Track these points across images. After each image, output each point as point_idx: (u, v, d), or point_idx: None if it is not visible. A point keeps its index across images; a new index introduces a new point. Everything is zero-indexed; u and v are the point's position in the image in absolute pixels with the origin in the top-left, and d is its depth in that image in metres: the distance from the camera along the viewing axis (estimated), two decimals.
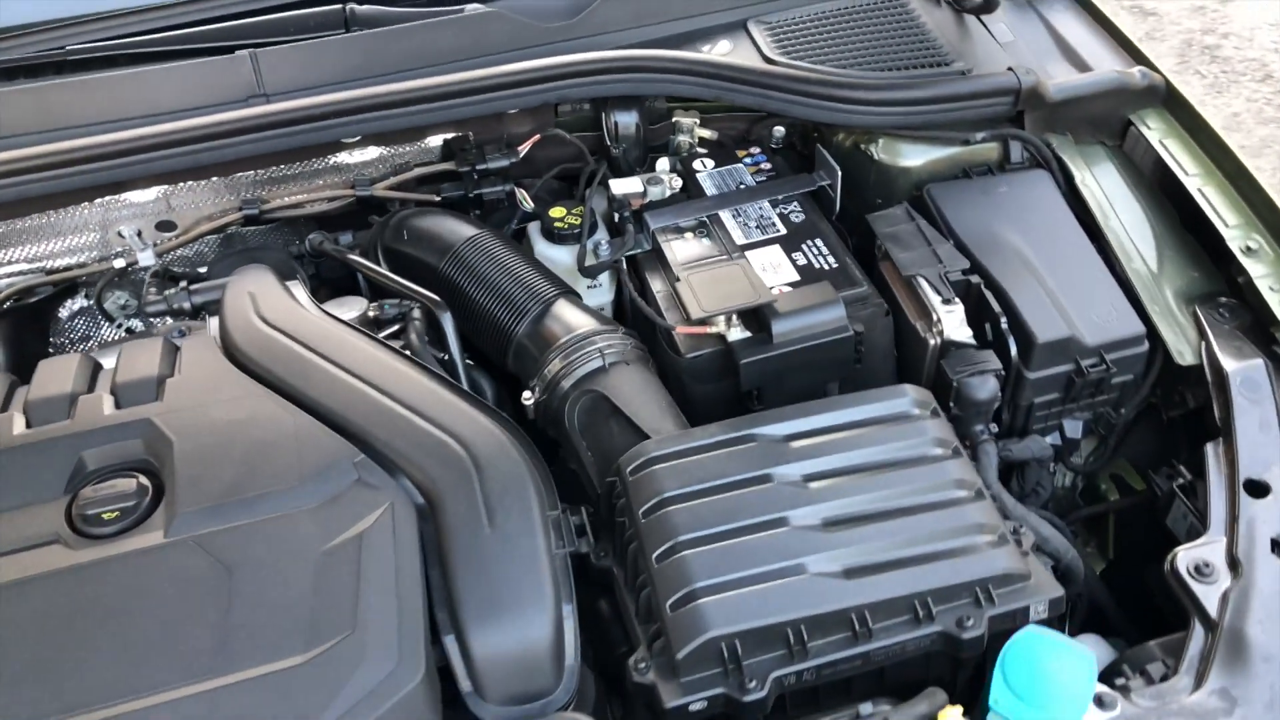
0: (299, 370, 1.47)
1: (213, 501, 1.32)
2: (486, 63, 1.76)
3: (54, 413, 1.44)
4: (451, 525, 1.32)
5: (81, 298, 1.94)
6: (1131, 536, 1.68)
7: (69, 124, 1.70)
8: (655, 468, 1.37)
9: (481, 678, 1.24)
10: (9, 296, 1.84)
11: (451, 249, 1.73)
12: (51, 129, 1.70)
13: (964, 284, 1.59)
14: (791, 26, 1.86)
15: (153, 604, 1.24)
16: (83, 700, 1.16)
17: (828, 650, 1.25)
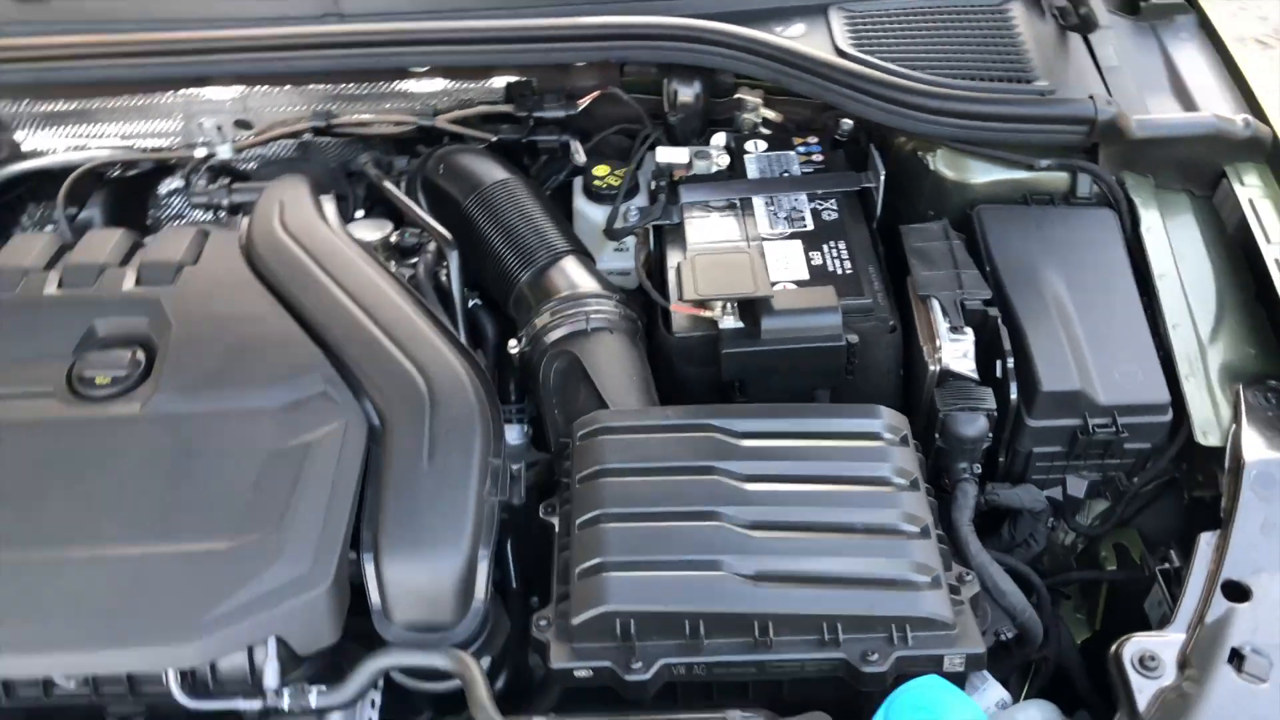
0: (300, 281, 1.53)
1: (191, 386, 1.40)
2: (559, 12, 1.77)
3: (83, 279, 1.55)
4: (394, 452, 1.35)
5: (178, 178, 2.06)
6: (1121, 611, 1.57)
7: (160, 18, 1.80)
8: (602, 437, 1.37)
9: (389, 600, 1.28)
10: (108, 164, 1.99)
11: (478, 188, 1.76)
12: (144, 20, 1.80)
13: (980, 314, 1.50)
14: (874, 18, 1.79)
15: (114, 468, 1.33)
16: (29, 538, 1.26)
17: (723, 651, 1.22)
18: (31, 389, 1.41)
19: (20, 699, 1.25)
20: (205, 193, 1.79)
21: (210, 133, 1.95)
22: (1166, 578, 1.36)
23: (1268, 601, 1.23)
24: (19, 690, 1.25)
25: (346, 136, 1.94)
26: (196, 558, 1.25)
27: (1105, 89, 1.70)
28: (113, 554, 1.24)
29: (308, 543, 1.25)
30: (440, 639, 1.28)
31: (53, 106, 1.93)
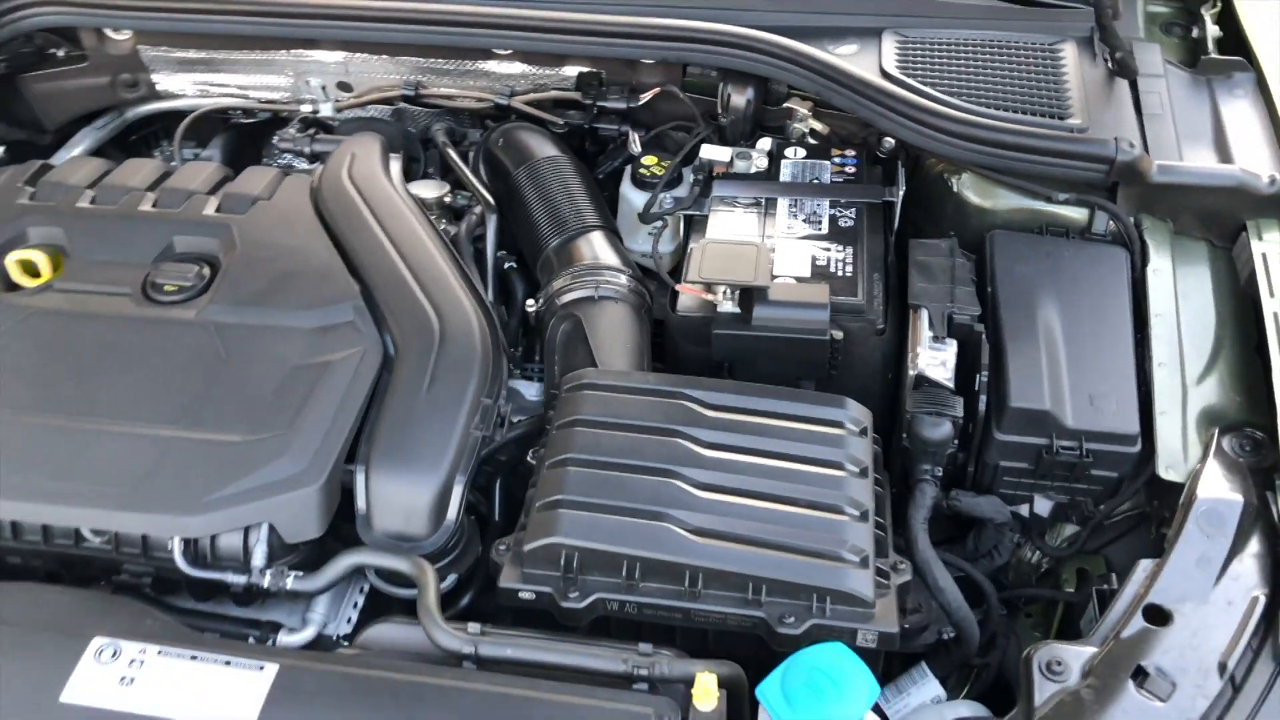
0: (353, 224, 1.71)
1: (240, 301, 1.59)
2: (631, 11, 1.91)
3: (173, 201, 1.76)
4: (399, 380, 1.51)
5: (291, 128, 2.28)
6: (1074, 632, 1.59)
7: None
8: (585, 392, 1.49)
9: (372, 508, 1.43)
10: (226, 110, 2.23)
11: (529, 161, 1.91)
12: None
13: (967, 329, 1.57)
14: (925, 45, 1.87)
15: (162, 360, 1.53)
16: (80, 410, 1.47)
17: (655, 594, 1.33)
18: (112, 288, 1.63)
19: (56, 545, 1.46)
20: (292, 139, 2.01)
21: (316, 91, 2.17)
22: (1102, 597, 1.39)
23: (1186, 630, 1.26)
24: (55, 538, 1.45)
25: (432, 107, 2.13)
26: (214, 446, 1.43)
27: (1141, 134, 1.73)
28: (146, 433, 1.44)
29: (309, 446, 1.42)
30: (411, 549, 1.42)
31: (185, 54, 2.17)
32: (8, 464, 1.43)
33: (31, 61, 2.19)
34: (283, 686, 1.23)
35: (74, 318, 1.59)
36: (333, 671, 1.27)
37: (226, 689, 1.22)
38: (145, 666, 1.25)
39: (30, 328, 1.58)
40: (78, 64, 2.19)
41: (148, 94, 2.26)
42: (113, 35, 2.15)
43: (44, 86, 2.22)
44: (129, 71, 2.20)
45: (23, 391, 1.50)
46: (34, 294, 1.64)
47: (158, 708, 1.20)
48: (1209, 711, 1.19)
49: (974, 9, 1.93)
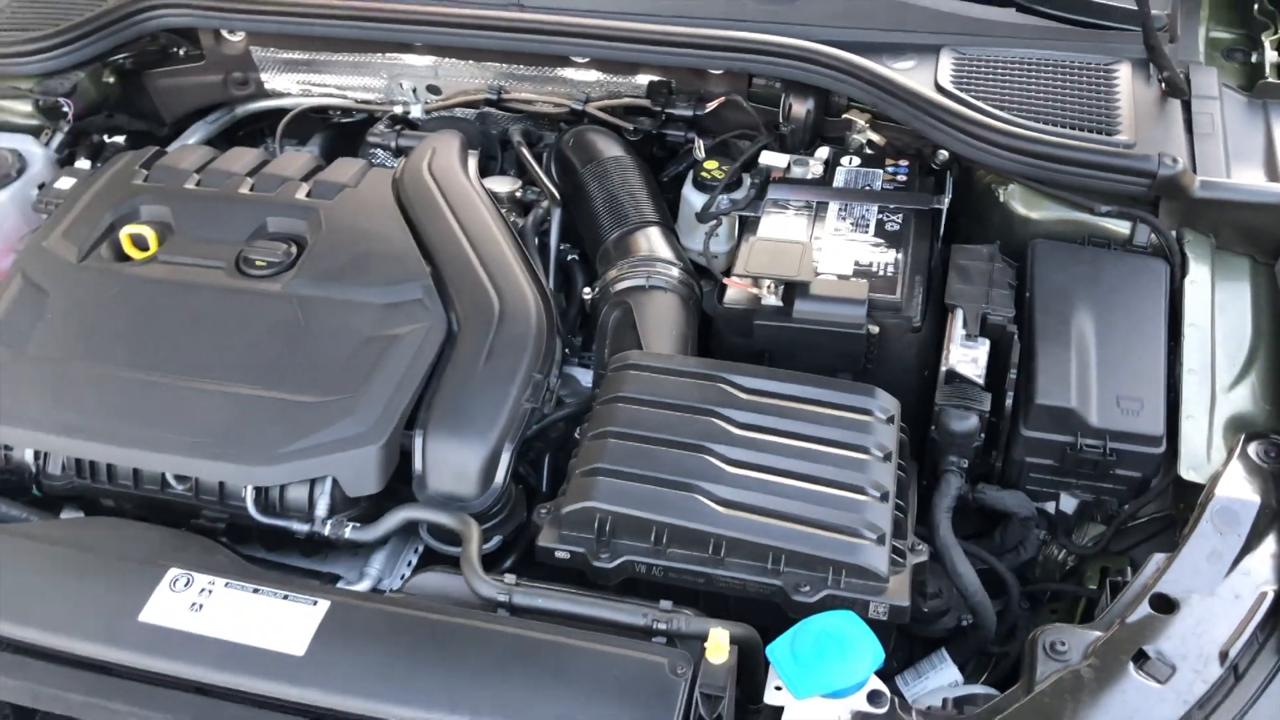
0: (429, 212, 1.85)
1: (321, 276, 1.74)
2: (700, 24, 2.01)
3: (269, 186, 1.92)
4: (459, 354, 1.63)
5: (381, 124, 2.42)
6: None
7: None
8: (629, 372, 1.59)
9: (428, 469, 1.55)
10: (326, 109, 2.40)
11: (596, 159, 2.03)
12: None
13: (1000, 329, 1.62)
14: (982, 62, 1.93)
15: (249, 327, 1.68)
16: (172, 368, 1.62)
17: (680, 560, 1.42)
18: (209, 262, 1.79)
19: (144, 489, 1.61)
20: (380, 135, 2.17)
21: (407, 93, 2.32)
22: (1115, 589, 1.43)
23: (1190, 618, 1.30)
24: (144, 482, 1.61)
25: (513, 111, 2.26)
26: (289, 405, 1.57)
27: (1190, 152, 1.77)
28: (229, 390, 1.59)
29: (374, 409, 1.55)
30: (461, 508, 1.53)
31: (291, 55, 2.35)
32: (106, 413, 1.59)
33: (155, 59, 2.39)
34: (333, 619, 1.35)
35: (173, 286, 1.75)
36: (378, 610, 1.39)
37: (283, 619, 1.35)
38: (213, 596, 1.38)
39: (134, 294, 1.74)
40: (195, 62, 2.39)
41: (256, 92, 2.44)
42: (228, 36, 2.33)
43: (165, 82, 2.41)
44: (240, 70, 2.39)
45: (123, 350, 1.66)
46: (140, 265, 1.80)
47: (222, 631, 1.34)
48: (1207, 696, 1.23)
49: (1032, 29, 1.98)
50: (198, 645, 1.33)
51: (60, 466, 1.63)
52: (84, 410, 1.59)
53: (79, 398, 1.61)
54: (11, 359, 1.66)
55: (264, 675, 1.29)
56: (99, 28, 2.21)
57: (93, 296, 1.74)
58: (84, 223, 1.86)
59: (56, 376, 1.63)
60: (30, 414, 1.60)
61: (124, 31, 2.22)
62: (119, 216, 1.86)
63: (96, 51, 2.22)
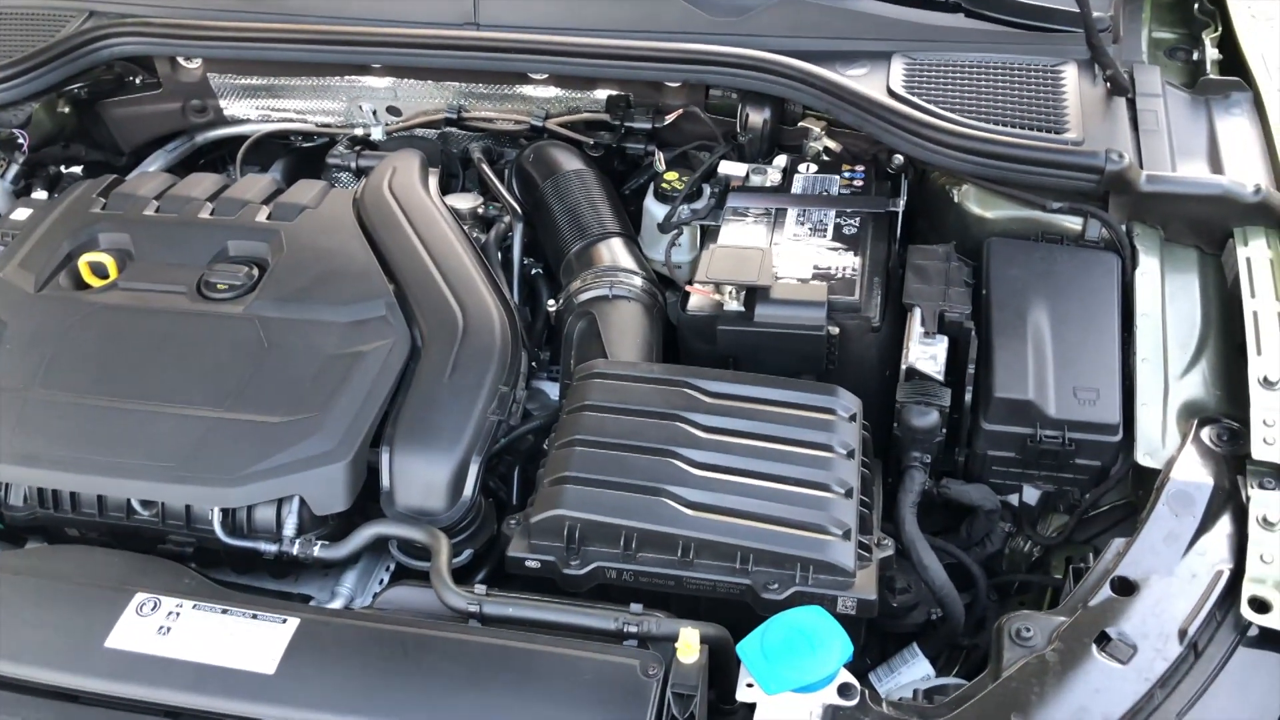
0: (390, 230, 1.86)
1: (283, 297, 1.74)
2: (655, 37, 2.04)
3: (229, 209, 1.92)
4: (424, 368, 1.64)
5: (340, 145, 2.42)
6: None
7: (332, 14, 2.19)
8: (595, 380, 1.60)
9: (395, 485, 1.55)
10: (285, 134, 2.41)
11: (557, 173, 2.05)
12: (321, 14, 2.20)
13: (957, 325, 1.65)
14: (932, 67, 1.96)
15: (211, 350, 1.68)
16: (136, 393, 1.61)
17: (650, 563, 1.43)
18: (169, 286, 1.79)
19: (110, 516, 1.60)
20: (340, 155, 2.17)
21: (367, 115, 2.33)
22: (1079, 576, 1.45)
23: (1150, 599, 1.32)
24: (109, 510, 1.59)
25: (473, 129, 2.28)
26: (254, 426, 1.57)
27: (1136, 148, 1.81)
28: (193, 414, 1.58)
29: (339, 427, 1.55)
30: (430, 523, 1.53)
31: (249, 80, 2.35)
32: (69, 441, 1.58)
33: (111, 88, 2.39)
34: (303, 636, 1.35)
35: (134, 312, 1.75)
36: (348, 625, 1.38)
37: (253, 638, 1.34)
38: (181, 619, 1.37)
39: (94, 321, 1.73)
40: (152, 90, 2.38)
41: (215, 119, 2.44)
42: (184, 64, 2.33)
43: (121, 111, 2.41)
44: (198, 98, 2.39)
45: (85, 377, 1.65)
46: (100, 292, 1.80)
47: (191, 653, 1.33)
48: (1168, 674, 1.25)
49: (979, 33, 2.03)
50: (167, 668, 1.31)
51: (22, 497, 1.61)
52: (45, 439, 1.58)
53: (39, 427, 1.59)
54: None
55: (235, 695, 1.28)
56: (52, 58, 2.20)
57: (51, 325, 1.73)
58: (41, 252, 1.85)
59: (16, 406, 1.62)
60: None
61: (78, 61, 2.21)
62: (77, 245, 1.86)
63: (50, 82, 2.22)
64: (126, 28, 2.21)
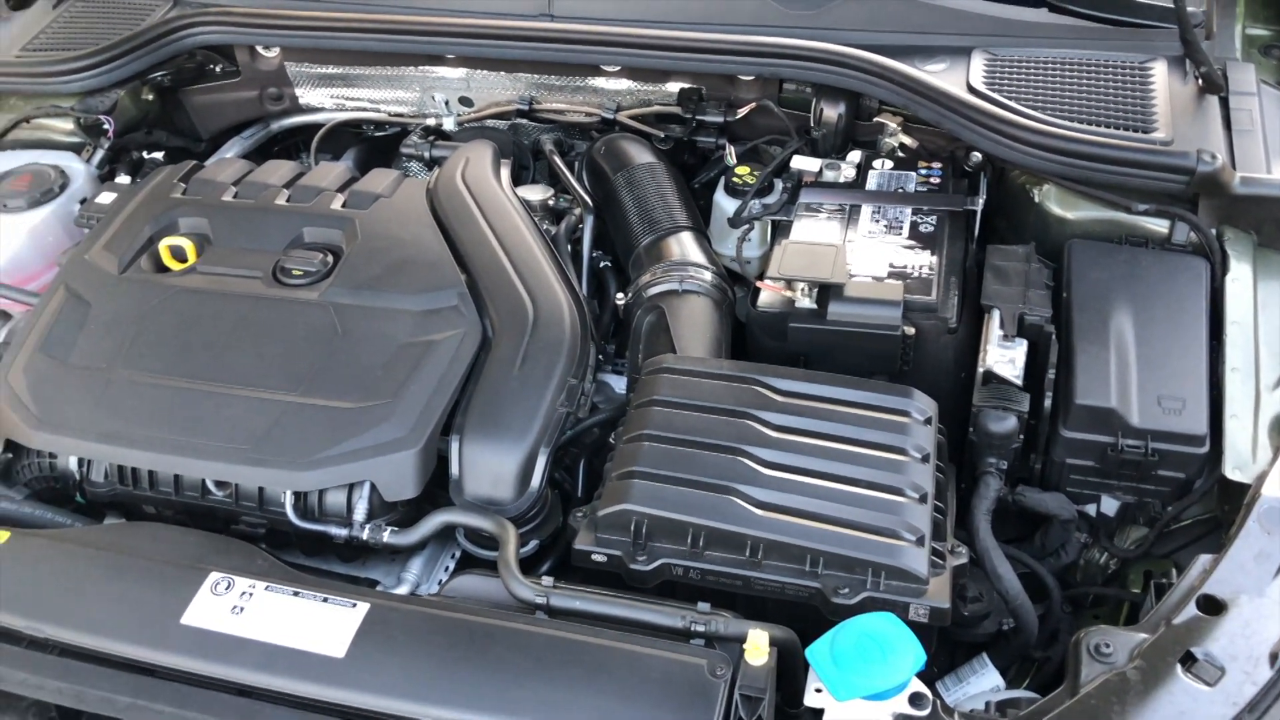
0: (463, 220, 1.87)
1: (358, 285, 1.75)
2: (730, 30, 2.02)
3: (305, 197, 1.94)
4: (494, 359, 1.64)
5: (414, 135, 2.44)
6: None
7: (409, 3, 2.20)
8: (663, 375, 1.59)
9: (464, 474, 1.56)
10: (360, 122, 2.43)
11: (628, 166, 2.04)
12: (398, 4, 2.21)
13: (1037, 329, 1.61)
14: (1014, 63, 1.92)
15: (286, 334, 1.70)
16: (213, 376, 1.64)
17: (718, 562, 1.42)
18: (246, 271, 1.81)
19: (185, 496, 1.62)
20: (414, 145, 2.19)
21: (439, 105, 2.35)
22: (1160, 591, 1.41)
23: (1239, 620, 1.28)
24: (184, 489, 1.62)
25: (544, 121, 2.28)
26: (327, 411, 1.59)
27: (1229, 149, 1.75)
28: (268, 398, 1.60)
29: (411, 414, 1.56)
30: (497, 512, 1.54)
31: (325, 70, 2.38)
32: (148, 421, 1.61)
33: (193, 76, 2.43)
34: (372, 621, 1.36)
35: (211, 296, 1.77)
36: (417, 612, 1.39)
37: (323, 621, 1.36)
38: (254, 599, 1.39)
39: (173, 304, 1.76)
40: (232, 79, 2.42)
41: (291, 107, 2.47)
42: (263, 52, 2.37)
43: (201, 99, 2.46)
44: (275, 86, 2.42)
45: (164, 358, 1.68)
46: (179, 275, 1.83)
47: (263, 634, 1.34)
48: (1257, 699, 1.20)
49: (1064, 29, 1.98)
50: (239, 647, 1.33)
51: (103, 474, 1.65)
52: (125, 418, 1.61)
53: (120, 406, 1.63)
54: (55, 369, 1.69)
55: (305, 677, 1.30)
56: (138, 46, 2.24)
57: (133, 307, 1.76)
58: (124, 235, 1.89)
59: (98, 385, 1.65)
60: (73, 423, 1.62)
61: (162, 49, 2.26)
62: (158, 229, 1.89)
63: (136, 69, 2.26)
64: (209, 17, 2.25)
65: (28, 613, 1.39)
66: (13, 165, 2.17)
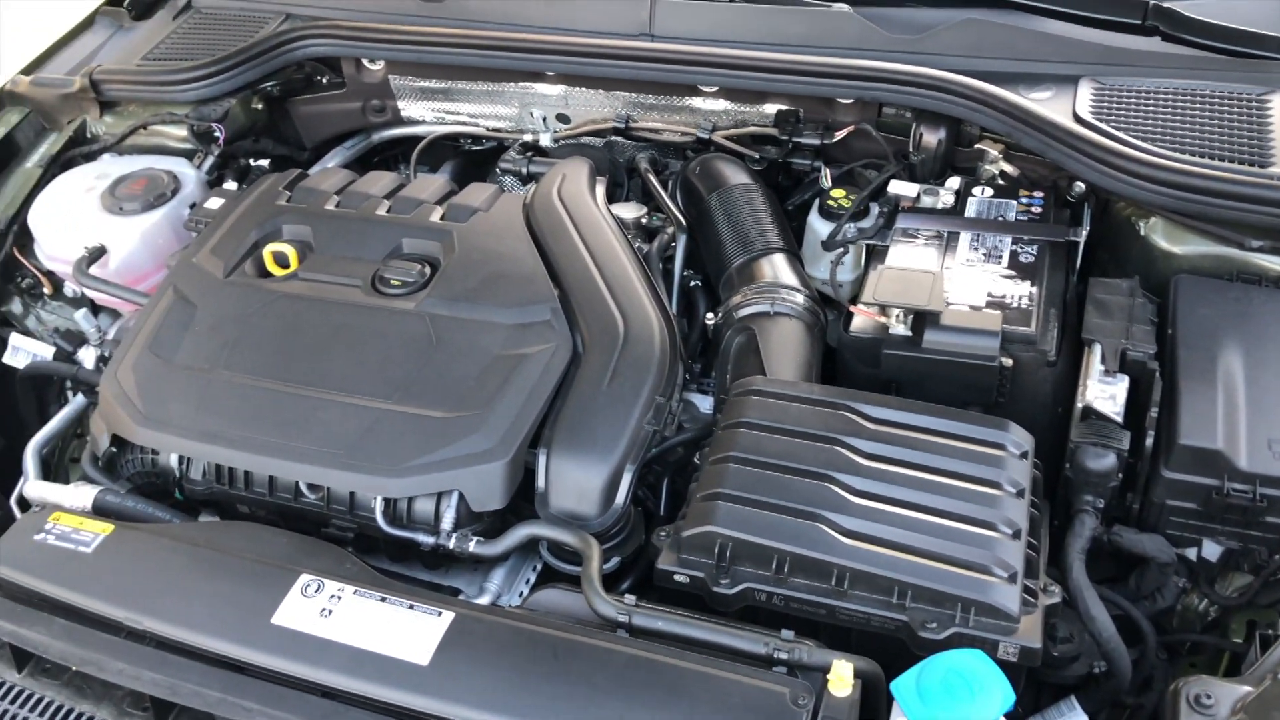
0: (557, 236, 1.89)
1: (453, 296, 1.78)
2: (830, 53, 2.01)
3: (405, 208, 1.98)
4: (583, 374, 1.65)
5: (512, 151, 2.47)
6: None
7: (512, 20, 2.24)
8: (753, 397, 1.58)
9: (550, 487, 1.57)
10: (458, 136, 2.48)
11: (722, 186, 2.04)
12: (501, 21, 2.25)
13: (1140, 365, 1.56)
14: (1123, 92, 1.88)
15: (383, 343, 1.73)
16: (310, 381, 1.68)
17: (802, 589, 1.40)
18: (346, 279, 1.85)
19: (279, 497, 1.66)
20: (512, 161, 2.21)
21: (537, 122, 2.37)
22: (1265, 643, 1.35)
23: None
24: (278, 490, 1.66)
25: (639, 139, 2.29)
26: (419, 419, 1.61)
27: None
28: (362, 404, 1.64)
29: (500, 426, 1.58)
30: (581, 527, 1.54)
31: (427, 84, 2.42)
32: (246, 422, 1.65)
33: (300, 87, 2.49)
34: (457, 630, 1.37)
35: (312, 302, 1.81)
36: (501, 624, 1.40)
37: (408, 628, 1.38)
38: (342, 602, 1.42)
39: (275, 309, 1.81)
40: (337, 90, 2.48)
41: (392, 119, 2.52)
42: (369, 65, 2.42)
43: (307, 109, 2.52)
44: (378, 98, 2.47)
45: (264, 361, 1.73)
46: (281, 281, 1.88)
47: (350, 637, 1.37)
48: None
49: (1177, 59, 1.93)
50: (326, 650, 1.36)
51: (201, 472, 1.70)
52: (225, 419, 1.66)
53: (221, 407, 1.67)
54: (161, 368, 1.74)
55: (390, 683, 1.32)
56: (251, 57, 2.31)
57: (236, 310, 1.82)
58: (230, 240, 1.95)
59: (201, 385, 1.71)
60: (176, 421, 1.68)
61: (273, 60, 2.32)
62: (263, 235, 1.95)
63: (248, 79, 2.33)
64: (319, 30, 2.31)
65: (128, 605, 1.45)
66: (129, 169, 2.25)
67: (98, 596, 1.46)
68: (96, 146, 2.37)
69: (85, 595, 1.46)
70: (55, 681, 1.50)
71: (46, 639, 1.44)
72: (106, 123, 2.41)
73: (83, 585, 1.48)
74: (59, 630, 1.45)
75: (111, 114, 2.41)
